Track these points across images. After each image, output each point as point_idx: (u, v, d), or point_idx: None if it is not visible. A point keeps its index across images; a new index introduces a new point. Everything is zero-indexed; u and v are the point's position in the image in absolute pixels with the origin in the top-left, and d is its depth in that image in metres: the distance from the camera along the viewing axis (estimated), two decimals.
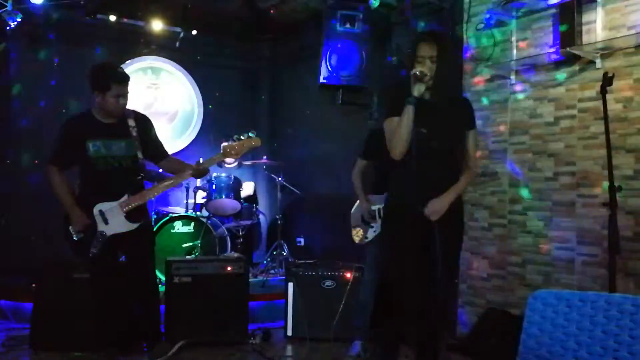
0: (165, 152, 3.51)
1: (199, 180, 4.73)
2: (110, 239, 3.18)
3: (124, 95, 3.22)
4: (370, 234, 3.54)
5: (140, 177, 3.33)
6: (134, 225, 3.23)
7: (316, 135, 5.95)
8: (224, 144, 3.40)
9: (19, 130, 5.25)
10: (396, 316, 2.73)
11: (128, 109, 3.34)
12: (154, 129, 3.47)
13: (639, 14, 3.24)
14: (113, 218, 3.19)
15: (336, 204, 4.58)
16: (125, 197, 3.21)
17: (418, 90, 2.53)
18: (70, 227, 3.19)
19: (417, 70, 2.51)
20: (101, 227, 3.17)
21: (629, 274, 3.17)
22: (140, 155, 3.29)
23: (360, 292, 3.72)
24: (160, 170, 3.90)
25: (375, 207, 3.52)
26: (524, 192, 3.85)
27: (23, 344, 3.65)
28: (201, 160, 3.34)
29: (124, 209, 3.20)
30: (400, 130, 2.57)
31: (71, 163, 3.29)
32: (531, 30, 3.85)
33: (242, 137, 3.30)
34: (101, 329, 3.28)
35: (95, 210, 3.18)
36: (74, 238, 3.19)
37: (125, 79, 3.23)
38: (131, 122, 3.31)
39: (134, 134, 3.29)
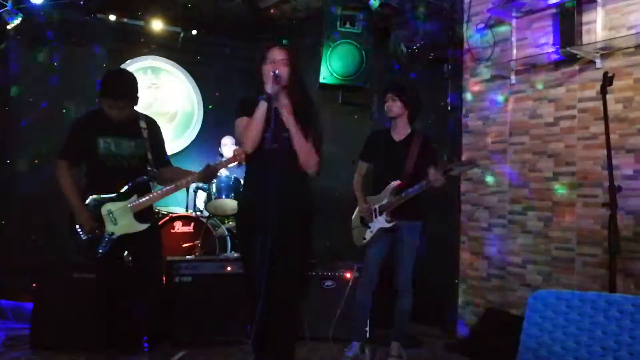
0: (169, 160, 3.51)
1: None
2: (118, 239, 3.17)
3: (116, 108, 3.15)
4: (368, 235, 3.55)
5: (147, 178, 3.32)
6: (144, 226, 3.21)
7: None
8: (234, 147, 3.37)
9: (19, 130, 5.24)
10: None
11: (139, 112, 3.34)
12: (162, 135, 3.47)
13: (639, 14, 3.25)
14: (122, 218, 3.16)
15: (336, 204, 4.57)
16: (135, 197, 3.19)
17: (272, 88, 2.61)
18: (77, 226, 3.16)
19: (275, 71, 2.63)
20: (110, 227, 3.14)
21: (629, 274, 3.18)
22: (150, 156, 3.29)
23: (357, 293, 3.72)
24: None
25: (373, 207, 3.53)
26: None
27: (23, 343, 3.65)
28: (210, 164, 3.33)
29: (134, 210, 3.18)
30: (251, 125, 2.63)
31: (81, 159, 3.24)
32: (531, 30, 3.85)
33: None
34: (102, 329, 3.27)
35: (104, 210, 3.14)
36: (82, 237, 3.15)
37: (115, 96, 3.12)
38: (142, 124, 3.31)
39: (145, 135, 3.29)
